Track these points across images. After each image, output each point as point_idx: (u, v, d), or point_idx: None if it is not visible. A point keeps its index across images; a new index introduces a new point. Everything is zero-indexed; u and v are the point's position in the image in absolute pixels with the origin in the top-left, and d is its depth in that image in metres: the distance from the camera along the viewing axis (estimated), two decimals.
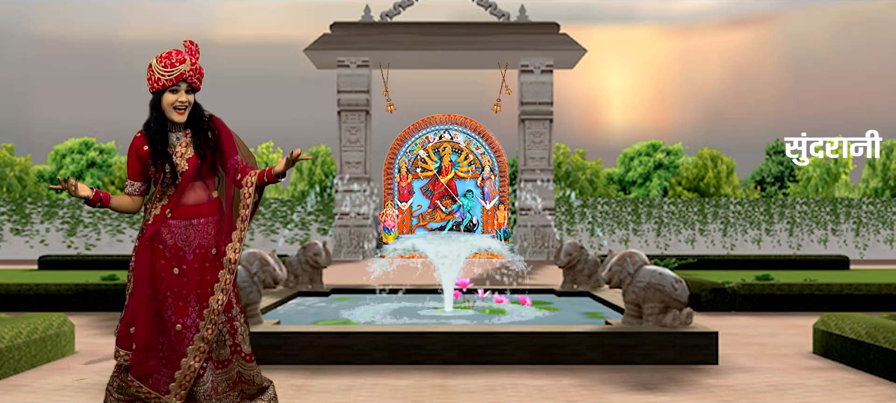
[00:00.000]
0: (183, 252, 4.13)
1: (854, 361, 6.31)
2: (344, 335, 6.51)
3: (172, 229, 4.15)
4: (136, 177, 4.22)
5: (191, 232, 4.16)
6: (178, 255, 4.12)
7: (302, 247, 10.45)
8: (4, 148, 38.67)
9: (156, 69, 4.11)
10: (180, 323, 4.10)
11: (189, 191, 4.20)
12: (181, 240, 4.14)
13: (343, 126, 24.43)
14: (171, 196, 4.18)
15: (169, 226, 4.15)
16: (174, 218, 4.15)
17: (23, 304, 10.17)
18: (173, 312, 4.11)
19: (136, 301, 4.12)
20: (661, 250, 27.50)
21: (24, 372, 6.12)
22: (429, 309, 8.88)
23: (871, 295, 10.27)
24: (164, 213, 4.15)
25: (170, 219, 4.15)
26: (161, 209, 4.16)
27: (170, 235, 4.14)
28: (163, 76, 4.10)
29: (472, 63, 25.33)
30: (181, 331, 4.10)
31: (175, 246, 4.13)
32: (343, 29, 24.70)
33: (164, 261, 4.12)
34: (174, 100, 4.12)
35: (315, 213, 28.23)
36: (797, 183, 42.78)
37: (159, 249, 4.12)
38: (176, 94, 4.12)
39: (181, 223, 4.16)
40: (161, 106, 4.15)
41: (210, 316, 4.14)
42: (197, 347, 4.12)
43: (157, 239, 4.14)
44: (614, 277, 6.89)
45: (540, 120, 24.46)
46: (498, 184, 24.06)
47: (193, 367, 4.12)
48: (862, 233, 28.24)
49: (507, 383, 5.71)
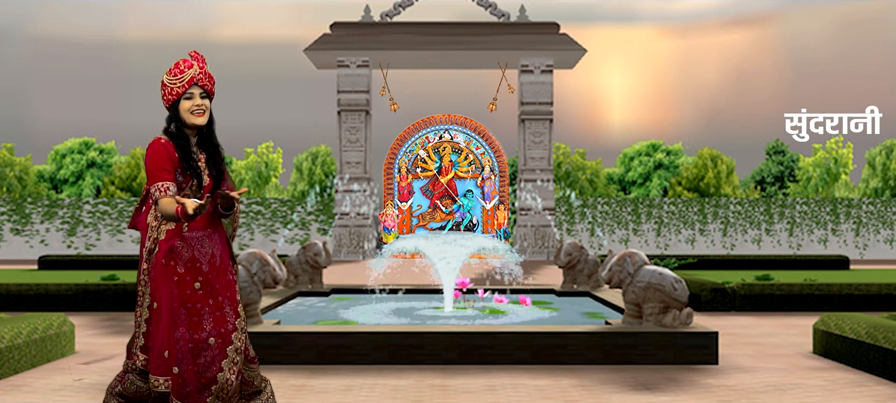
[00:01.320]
0: (200, 263, 4.09)
1: (854, 361, 6.31)
2: (344, 335, 6.52)
3: (189, 241, 4.09)
4: (172, 179, 4.08)
5: (206, 243, 4.14)
6: (195, 268, 4.08)
7: (302, 247, 10.45)
8: (4, 148, 38.66)
9: (167, 81, 4.11)
10: (212, 337, 4.05)
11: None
12: (198, 252, 4.10)
13: (343, 126, 24.43)
14: None
15: (185, 239, 4.09)
16: (191, 231, 4.12)
17: (23, 304, 10.17)
18: (189, 327, 4.04)
19: (166, 324, 4.03)
20: (661, 250, 27.50)
21: (24, 372, 6.12)
22: (429, 309, 8.88)
23: (871, 295, 10.28)
24: (180, 227, 4.10)
25: (186, 232, 4.11)
26: (176, 224, 4.11)
27: (186, 248, 4.08)
28: (174, 84, 4.10)
29: (472, 63, 25.33)
30: (213, 345, 4.05)
31: (192, 258, 4.08)
32: (343, 29, 24.70)
33: (177, 278, 4.06)
34: (190, 105, 4.11)
35: (315, 213, 28.23)
36: (797, 183, 42.77)
37: (173, 267, 4.06)
38: (191, 100, 4.11)
39: (197, 235, 4.12)
40: (180, 118, 4.13)
41: (241, 325, 4.15)
42: (231, 360, 4.09)
43: (173, 256, 4.07)
44: (614, 277, 6.89)
45: (540, 120, 24.46)
46: (498, 184, 24.06)
47: (231, 381, 4.07)
48: (862, 233, 28.24)
49: (507, 383, 5.71)
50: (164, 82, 4.13)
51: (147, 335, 4.08)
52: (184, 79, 4.10)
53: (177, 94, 4.11)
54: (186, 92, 4.11)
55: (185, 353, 4.05)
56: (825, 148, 41.12)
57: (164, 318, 4.02)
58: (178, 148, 4.12)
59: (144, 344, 4.08)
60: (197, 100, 4.13)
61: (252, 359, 4.27)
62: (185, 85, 4.10)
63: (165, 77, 4.12)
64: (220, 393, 4.08)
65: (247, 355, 4.24)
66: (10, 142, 39.18)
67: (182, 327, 4.05)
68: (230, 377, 4.08)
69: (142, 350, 4.10)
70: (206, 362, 4.06)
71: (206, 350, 4.06)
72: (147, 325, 4.07)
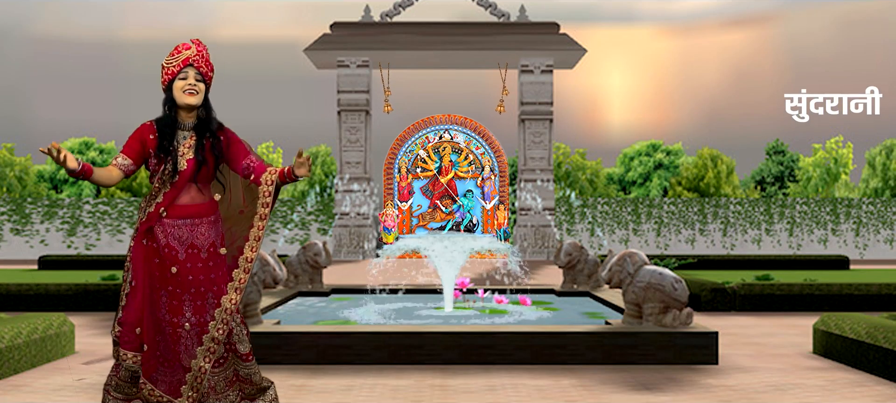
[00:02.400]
0: (176, 251, 4.13)
1: (854, 361, 6.31)
2: (344, 335, 6.51)
3: (166, 228, 4.15)
4: (131, 154, 4.16)
5: (184, 231, 4.17)
6: (172, 254, 4.12)
7: (302, 247, 10.44)
8: (4, 148, 38.67)
9: (165, 63, 4.20)
10: (187, 322, 4.10)
11: (185, 192, 4.21)
12: (174, 239, 4.14)
13: (343, 126, 24.43)
14: (166, 194, 4.19)
15: (162, 225, 4.15)
16: (169, 218, 4.16)
17: (23, 304, 10.17)
18: (169, 311, 4.11)
19: (140, 300, 4.12)
20: (661, 250, 27.50)
21: (24, 372, 6.12)
22: (429, 309, 8.88)
23: (871, 295, 10.27)
24: (158, 211, 4.15)
25: (164, 218, 4.16)
26: (155, 207, 4.16)
27: (163, 234, 4.15)
28: (170, 64, 4.18)
29: (472, 63, 25.33)
30: (189, 331, 4.10)
31: (168, 245, 4.13)
32: (343, 29, 24.71)
33: (159, 260, 4.13)
34: (183, 84, 4.17)
35: (315, 213, 28.24)
36: (797, 183, 42.79)
37: (153, 248, 4.14)
38: (185, 80, 4.18)
39: (175, 222, 4.17)
40: (174, 99, 4.20)
41: (222, 316, 4.15)
42: (207, 347, 4.12)
43: (151, 237, 4.15)
44: (614, 277, 6.89)
45: (540, 120, 24.46)
46: (498, 184, 24.07)
47: (204, 368, 4.12)
48: (862, 233, 28.24)
49: (507, 383, 5.70)
50: (163, 64, 4.22)
51: (124, 308, 4.15)
52: (179, 59, 4.18)
53: (172, 74, 4.19)
54: (181, 71, 4.18)
55: (158, 334, 4.11)
56: (825, 148, 41.11)
57: (138, 296, 4.10)
58: (159, 131, 4.17)
59: (121, 317, 4.16)
60: (191, 79, 4.19)
61: (244, 356, 4.27)
62: (180, 64, 4.17)
63: (164, 59, 4.22)
64: (194, 382, 4.12)
65: (236, 351, 4.25)
66: (10, 142, 39.19)
67: (161, 310, 4.12)
68: (204, 364, 4.12)
69: (118, 322, 4.17)
70: (168, 345, 4.11)
71: (168, 334, 4.11)
72: (126, 299, 4.15)
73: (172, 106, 4.20)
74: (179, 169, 4.17)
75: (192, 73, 4.18)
